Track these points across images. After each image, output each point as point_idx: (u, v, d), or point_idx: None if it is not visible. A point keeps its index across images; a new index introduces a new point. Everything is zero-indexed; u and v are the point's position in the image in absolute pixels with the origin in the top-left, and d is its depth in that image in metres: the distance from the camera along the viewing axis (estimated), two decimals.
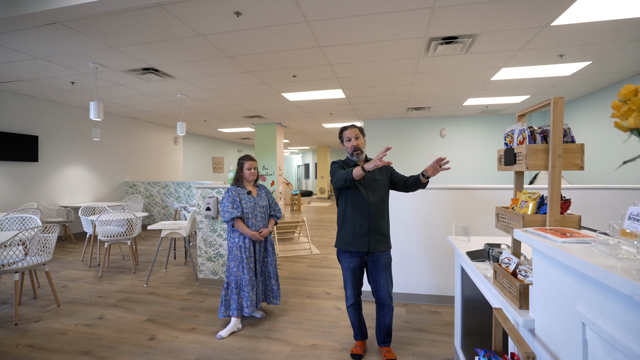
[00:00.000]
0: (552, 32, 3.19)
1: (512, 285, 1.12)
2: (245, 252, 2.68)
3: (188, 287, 3.66)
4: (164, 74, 4.46)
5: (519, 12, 2.79)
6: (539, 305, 0.99)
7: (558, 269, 0.87)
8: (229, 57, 3.88)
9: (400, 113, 7.46)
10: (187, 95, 5.65)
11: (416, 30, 3.18)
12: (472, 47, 3.54)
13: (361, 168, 1.97)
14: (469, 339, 1.96)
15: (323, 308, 3.11)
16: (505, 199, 3.00)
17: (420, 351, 2.35)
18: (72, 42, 3.40)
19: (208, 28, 3.10)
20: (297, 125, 9.11)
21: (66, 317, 2.92)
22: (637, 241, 0.74)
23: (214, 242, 3.65)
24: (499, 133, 7.54)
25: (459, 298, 2.11)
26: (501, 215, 1.29)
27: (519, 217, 1.10)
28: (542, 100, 6.04)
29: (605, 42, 3.43)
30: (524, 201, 1.16)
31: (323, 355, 2.31)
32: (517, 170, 1.16)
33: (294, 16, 2.90)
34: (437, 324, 2.77)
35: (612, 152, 5.08)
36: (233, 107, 6.57)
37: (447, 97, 5.88)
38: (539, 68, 4.21)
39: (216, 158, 12.06)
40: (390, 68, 4.30)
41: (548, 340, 0.94)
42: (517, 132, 1.17)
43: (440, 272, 3.15)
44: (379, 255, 2.20)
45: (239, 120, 8.22)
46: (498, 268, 1.25)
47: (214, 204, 3.57)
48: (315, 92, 5.49)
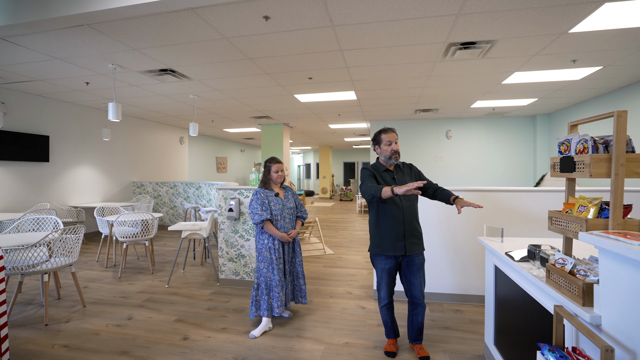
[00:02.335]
0: (569, 39, 3.29)
1: (573, 284, 1.19)
2: (275, 254, 2.73)
3: (209, 288, 3.70)
4: (181, 75, 4.48)
5: (541, 19, 2.87)
6: (607, 303, 1.06)
7: (635, 269, 0.94)
8: (248, 59, 3.92)
9: (408, 114, 7.55)
10: (199, 96, 5.67)
11: (438, 36, 3.25)
12: (489, 52, 3.62)
13: (391, 190, 2.03)
14: (503, 336, 2.04)
15: (348, 307, 3.17)
16: (524, 200, 3.09)
17: (450, 348, 2.42)
18: (96, 43, 3.42)
19: (234, 31, 3.15)
20: (303, 125, 9.16)
21: (95, 318, 2.95)
22: None
23: (235, 243, 3.70)
24: (504, 135, 7.66)
25: (491, 297, 2.19)
26: (555, 218, 1.36)
27: (582, 221, 1.18)
28: (551, 102, 6.17)
29: (617, 48, 3.54)
30: (582, 206, 1.24)
31: (357, 353, 2.37)
32: (577, 177, 1.23)
33: (321, 21, 2.95)
34: (462, 322, 2.85)
35: None
36: (244, 107, 6.60)
37: (456, 99, 5.97)
38: (550, 72, 4.31)
39: (220, 158, 12.07)
40: (406, 71, 4.38)
41: (620, 335, 1.01)
42: (575, 142, 1.24)
43: (462, 272, 3.23)
44: (414, 257, 2.27)
45: (247, 121, 8.25)
46: (552, 268, 1.33)
47: (236, 205, 3.61)
48: (327, 93, 5.55)
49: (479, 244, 3.19)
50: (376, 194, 2.11)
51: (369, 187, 2.19)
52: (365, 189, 2.22)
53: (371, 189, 2.15)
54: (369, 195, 2.17)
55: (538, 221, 3.06)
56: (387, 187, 2.09)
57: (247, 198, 3.64)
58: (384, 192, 2.08)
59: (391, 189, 2.04)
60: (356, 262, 4.79)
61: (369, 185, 2.21)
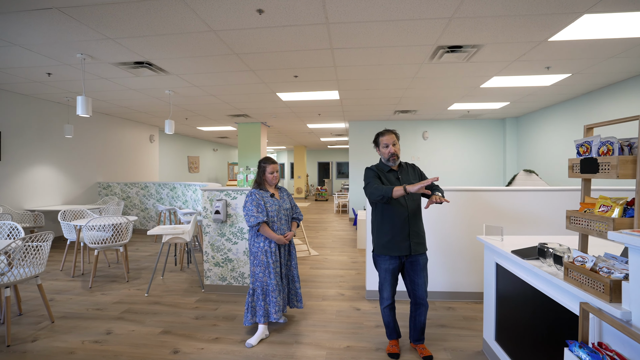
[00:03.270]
0: (547, 47, 3.47)
1: (598, 281, 1.23)
2: (272, 257, 2.62)
3: (194, 295, 3.49)
4: (158, 68, 4.21)
5: (526, 26, 3.00)
6: (638, 300, 1.10)
7: None
8: (235, 55, 3.75)
9: (387, 115, 7.67)
10: (176, 92, 5.37)
11: (429, 38, 3.30)
12: (474, 56, 3.75)
13: (403, 189, 2.02)
14: (505, 331, 2.09)
15: (343, 309, 3.13)
16: (507, 200, 3.23)
17: (450, 346, 2.46)
18: (64, 30, 3.10)
19: (223, 24, 2.99)
20: (281, 125, 9.01)
21: (67, 334, 2.66)
22: None
23: (222, 247, 3.52)
24: (476, 136, 8.02)
25: (492, 294, 2.24)
26: (575, 217, 1.40)
27: (609, 221, 1.22)
28: (521, 106, 6.53)
29: (587, 57, 3.80)
30: (604, 205, 1.28)
31: (361, 356, 2.33)
32: (600, 178, 1.27)
33: (316, 18, 2.88)
34: (456, 319, 2.91)
35: None
36: (222, 105, 6.35)
37: (435, 101, 6.15)
38: (525, 78, 4.55)
39: (192, 157, 11.57)
40: (392, 72, 4.42)
41: None
42: (597, 143, 1.28)
43: (452, 270, 3.30)
44: (418, 257, 2.27)
45: (223, 119, 7.96)
46: (572, 265, 1.36)
47: (223, 207, 3.44)
48: (311, 92, 5.48)
49: (469, 243, 3.28)
50: (387, 194, 2.09)
51: (378, 188, 2.16)
52: (373, 190, 2.19)
53: (381, 190, 2.13)
54: (379, 196, 2.14)
55: (525, 219, 3.21)
56: (398, 187, 2.07)
57: (234, 200, 3.49)
58: (395, 192, 2.07)
59: (404, 187, 2.03)
60: (343, 263, 4.76)
61: (376, 186, 2.19)
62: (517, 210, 3.23)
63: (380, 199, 2.14)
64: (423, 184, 1.94)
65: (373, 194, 2.18)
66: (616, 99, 4.82)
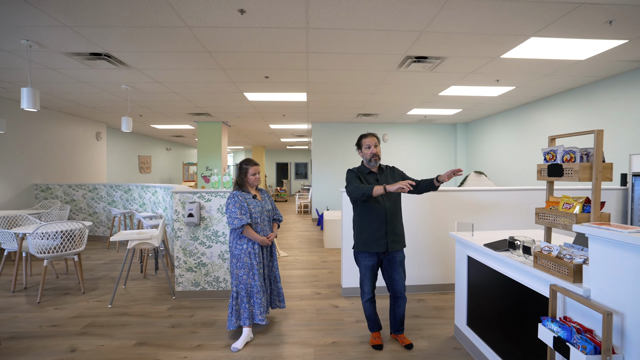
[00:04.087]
0: (499, 62, 3.91)
1: (564, 266, 1.46)
2: (256, 258, 2.62)
3: (165, 303, 3.32)
4: (118, 61, 3.91)
5: (484, 44, 3.36)
6: (595, 279, 1.34)
7: (625, 250, 1.21)
8: (207, 52, 3.64)
9: (350, 118, 7.91)
10: (134, 87, 5.02)
11: (399, 48, 3.52)
12: (438, 67, 4.07)
13: (383, 188, 2.17)
14: (476, 317, 2.34)
15: (322, 308, 3.21)
16: (469, 199, 3.58)
17: (426, 334, 2.67)
18: (11, 13, 2.76)
19: (201, 21, 2.90)
20: (242, 124, 8.82)
21: (21, 357, 2.39)
22: None
23: (195, 251, 3.40)
24: (431, 140, 8.62)
25: (463, 284, 2.48)
26: (542, 213, 1.64)
27: (572, 216, 1.46)
28: (471, 113, 7.17)
29: (529, 73, 4.34)
30: (567, 203, 1.53)
31: (347, 350, 2.43)
32: (564, 181, 1.51)
33: (298, 22, 2.93)
34: (427, 309, 3.15)
35: (519, 159, 6.36)
36: (184, 103, 6.06)
37: (397, 106, 6.51)
38: (477, 88, 5.04)
39: (143, 157, 10.79)
40: (362, 78, 4.61)
41: (607, 300, 1.29)
42: (561, 152, 1.53)
43: (420, 264, 3.56)
44: (395, 254, 2.43)
45: (182, 117, 7.58)
46: (540, 254, 1.60)
47: (196, 210, 3.32)
48: (279, 93, 5.48)
49: (435, 239, 3.57)
50: (367, 192, 2.23)
51: (358, 186, 2.29)
52: (353, 189, 2.31)
53: (362, 188, 2.26)
54: (360, 194, 2.26)
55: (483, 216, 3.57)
56: (379, 186, 2.22)
57: (208, 202, 3.39)
58: (375, 190, 2.21)
59: (383, 187, 2.17)
60: (314, 263, 4.84)
61: (357, 185, 2.31)
62: (475, 208, 3.58)
63: (361, 197, 2.27)
64: (401, 184, 2.10)
65: (354, 191, 2.30)
66: (548, 110, 5.55)
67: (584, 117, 4.79)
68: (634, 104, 4.04)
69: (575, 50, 3.46)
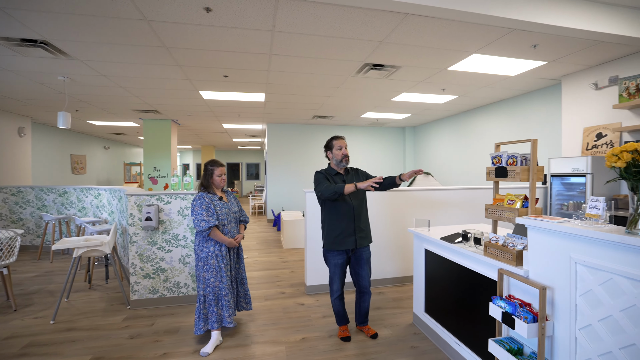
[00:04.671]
0: (445, 74, 4.33)
1: (508, 253, 1.73)
2: (223, 261, 2.60)
3: (118, 313, 3.10)
4: (57, 50, 3.54)
5: (435, 56, 3.70)
6: (533, 262, 1.61)
7: (555, 237, 1.49)
8: (164, 48, 3.47)
9: (305, 119, 8.03)
10: (73, 79, 4.55)
11: (360, 55, 3.72)
12: (393, 74, 4.37)
13: (354, 186, 2.33)
14: (433, 303, 2.60)
15: (288, 307, 3.27)
16: (426, 197, 3.91)
17: (388, 323, 2.88)
18: None
19: (162, 15, 2.78)
20: (194, 123, 8.44)
21: None
22: (596, 219, 1.41)
23: (153, 257, 3.22)
24: (382, 142, 9.11)
25: (421, 275, 2.73)
26: (491, 209, 1.91)
27: (515, 210, 1.73)
28: (419, 118, 7.73)
29: (470, 84, 4.87)
30: (510, 200, 1.80)
31: (318, 345, 2.53)
32: (508, 181, 1.78)
33: (264, 24, 2.95)
34: (387, 301, 3.38)
35: (461, 161, 7.05)
36: (131, 98, 5.64)
37: (352, 109, 6.78)
38: (425, 95, 5.50)
39: (76, 156, 9.73)
40: (321, 81, 4.75)
41: (541, 278, 1.57)
42: (505, 157, 1.80)
43: (379, 260, 3.79)
44: (362, 251, 2.60)
45: (127, 114, 7.02)
46: (489, 244, 1.86)
47: (155, 213, 3.16)
48: (237, 93, 5.38)
49: (394, 235, 3.83)
50: (339, 190, 2.35)
51: (330, 186, 2.41)
52: (325, 188, 2.42)
53: (333, 187, 2.38)
54: (331, 193, 2.38)
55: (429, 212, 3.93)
56: (349, 184, 2.36)
57: (168, 204, 3.24)
58: (347, 188, 2.34)
59: (354, 184, 2.32)
60: (274, 263, 4.86)
61: (327, 185, 2.43)
62: (428, 206, 3.93)
63: (333, 195, 2.39)
64: (370, 182, 2.27)
65: (327, 191, 2.41)
66: (485, 117, 6.25)
67: (514, 124, 5.50)
68: (552, 114, 4.76)
69: (507, 67, 3.98)
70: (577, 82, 4.03)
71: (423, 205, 3.91)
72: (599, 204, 1.40)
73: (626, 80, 3.35)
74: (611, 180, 1.43)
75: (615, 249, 1.27)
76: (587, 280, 1.37)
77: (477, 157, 6.39)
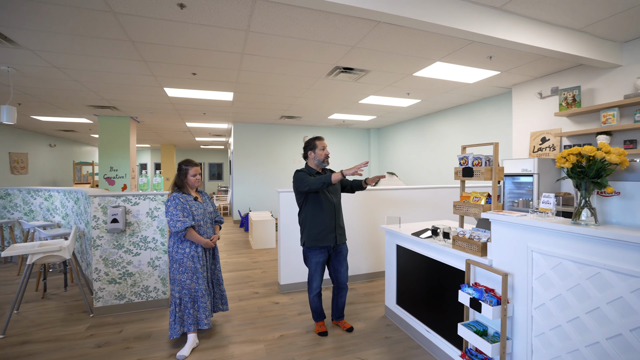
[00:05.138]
0: (410, 79, 4.58)
1: (474, 245, 1.92)
2: (200, 262, 2.56)
3: (81, 322, 2.91)
4: (3, 37, 3.23)
5: (402, 63, 3.91)
6: (496, 252, 1.81)
7: (515, 229, 1.69)
8: (130, 42, 3.31)
9: (273, 119, 8.00)
10: (19, 70, 4.16)
11: (331, 59, 3.83)
12: (362, 78, 4.54)
13: (340, 173, 2.42)
14: (404, 295, 2.77)
15: (263, 306, 3.28)
16: (394, 197, 4.12)
17: (361, 317, 3.01)
18: None
19: (131, 8, 2.66)
20: (155, 121, 8.04)
21: None
22: (548, 213, 1.63)
23: (119, 261, 3.07)
24: (348, 143, 9.33)
25: (393, 269, 2.89)
26: (459, 205, 2.10)
27: (480, 206, 1.92)
28: (383, 120, 8.04)
29: (431, 90, 5.19)
30: (476, 197, 2.00)
31: (296, 341, 2.58)
32: (474, 180, 1.98)
33: (240, 24, 2.94)
34: (359, 296, 3.52)
35: (423, 161, 7.46)
36: (86, 93, 5.26)
37: (320, 110, 6.89)
38: (391, 99, 5.76)
39: (16, 154, 8.80)
40: (292, 82, 4.79)
41: (503, 266, 1.77)
42: (471, 158, 1.99)
43: (351, 257, 3.93)
44: (342, 247, 2.71)
45: (80, 109, 6.52)
46: (458, 237, 2.05)
47: (122, 215, 3.01)
48: (205, 91, 5.25)
49: (365, 233, 3.99)
50: (327, 181, 2.41)
51: (315, 179, 2.47)
52: (312, 181, 2.47)
53: (320, 179, 2.44)
54: (320, 184, 2.43)
55: (407, 209, 4.14)
56: (336, 172, 2.43)
57: (136, 205, 3.10)
58: (334, 177, 2.40)
59: (340, 172, 2.40)
60: (245, 264, 4.81)
61: (313, 178, 2.49)
62: (395, 204, 4.14)
63: (322, 185, 2.44)
64: (356, 167, 2.36)
65: (314, 183, 2.46)
66: (445, 120, 6.68)
67: (472, 127, 5.94)
68: (504, 119, 5.23)
69: (466, 75, 4.32)
70: (525, 91, 4.49)
71: (392, 203, 4.11)
72: (550, 199, 1.62)
73: (565, 91, 3.80)
74: (560, 178, 1.66)
75: (563, 237, 1.48)
76: (541, 265, 1.58)
77: (439, 157, 6.81)
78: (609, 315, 1.33)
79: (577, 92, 3.66)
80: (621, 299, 1.29)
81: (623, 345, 1.29)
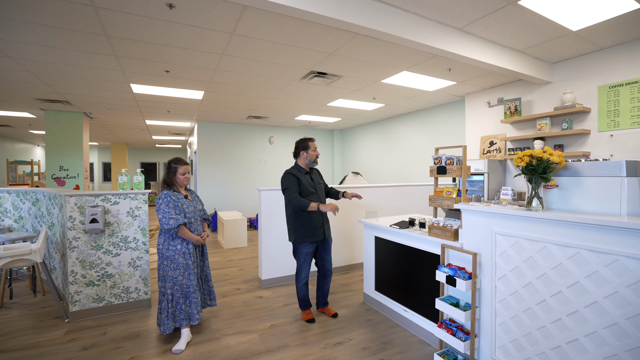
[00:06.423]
0: (378, 85, 4.96)
1: (447, 231, 2.27)
2: (191, 258, 2.63)
3: (57, 328, 2.78)
4: None
5: (372, 70, 4.25)
6: (466, 236, 2.17)
7: (482, 216, 2.06)
8: (105, 36, 3.21)
9: (239, 119, 7.97)
10: None
11: (308, 63, 4.03)
12: (334, 82, 4.81)
13: (317, 207, 2.64)
14: (383, 282, 3.08)
15: (248, 300, 3.38)
16: (365, 194, 4.44)
17: (343, 304, 3.26)
18: None
19: (114, 4, 2.62)
20: (110, 118, 7.57)
21: None
22: (506, 202, 2.01)
23: (98, 262, 2.98)
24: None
25: (371, 258, 3.19)
26: (434, 198, 2.44)
27: (453, 199, 2.27)
28: (347, 122, 8.41)
29: (396, 95, 5.64)
30: (448, 191, 2.35)
31: (287, 329, 2.76)
32: (446, 177, 2.33)
33: (226, 26, 3.03)
34: (338, 286, 3.77)
35: (384, 161, 7.97)
36: (38, 86, 4.85)
37: (287, 111, 7.05)
38: (357, 102, 6.12)
39: None
40: (266, 84, 4.91)
41: (472, 247, 2.13)
42: (444, 158, 2.34)
43: None
44: (328, 239, 2.94)
45: (25, 103, 5.94)
46: (433, 226, 2.39)
47: (101, 214, 2.93)
48: (174, 89, 5.14)
49: (343, 228, 4.25)
50: (304, 207, 2.65)
51: (297, 198, 2.68)
52: (292, 199, 2.68)
53: (299, 202, 2.66)
54: (295, 206, 2.67)
55: (380, 205, 4.48)
56: (314, 203, 2.65)
57: (115, 205, 3.03)
58: (310, 207, 2.65)
59: (317, 206, 2.64)
60: (220, 263, 4.82)
61: (295, 196, 2.69)
62: (366, 201, 4.47)
63: (298, 208, 2.70)
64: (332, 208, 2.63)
65: (292, 202, 2.69)
66: (406, 124, 7.23)
67: (429, 131, 6.53)
68: (458, 124, 5.84)
69: (427, 84, 4.80)
70: (476, 100, 5.10)
71: (360, 201, 4.43)
72: (508, 192, 2.01)
73: (508, 101, 4.42)
74: (517, 174, 2.05)
75: (519, 221, 1.86)
76: (502, 245, 1.96)
77: (399, 158, 7.35)
78: (552, 279, 1.72)
79: (518, 103, 4.30)
80: (561, 265, 1.69)
81: (562, 300, 1.68)
